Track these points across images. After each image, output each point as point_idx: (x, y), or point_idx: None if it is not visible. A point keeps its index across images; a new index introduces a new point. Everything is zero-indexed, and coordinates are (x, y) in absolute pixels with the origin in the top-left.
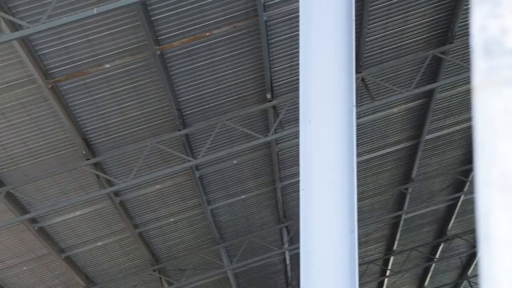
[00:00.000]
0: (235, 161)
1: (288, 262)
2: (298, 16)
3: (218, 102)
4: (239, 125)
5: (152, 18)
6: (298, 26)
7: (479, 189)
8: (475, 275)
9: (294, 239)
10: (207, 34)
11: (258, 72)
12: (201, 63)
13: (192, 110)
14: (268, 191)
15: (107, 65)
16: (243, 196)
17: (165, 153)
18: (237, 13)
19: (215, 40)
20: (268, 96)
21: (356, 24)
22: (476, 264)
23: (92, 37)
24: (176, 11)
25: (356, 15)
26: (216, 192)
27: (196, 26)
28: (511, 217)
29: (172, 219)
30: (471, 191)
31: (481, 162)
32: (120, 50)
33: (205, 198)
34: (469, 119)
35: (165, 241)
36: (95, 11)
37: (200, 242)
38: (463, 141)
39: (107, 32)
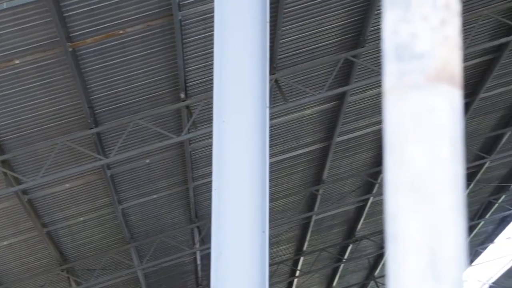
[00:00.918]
0: (147, 161)
1: (199, 262)
2: (213, 16)
3: (131, 101)
4: (152, 125)
5: (65, 14)
6: (213, 26)
7: (388, 191)
8: (382, 276)
9: (206, 239)
10: (121, 32)
11: (172, 71)
12: (114, 61)
13: (105, 108)
14: (180, 191)
15: (17, 61)
16: (155, 196)
17: (76, 151)
18: (151, 12)
19: (129, 38)
20: (182, 95)
21: (270, 26)
22: (383, 265)
23: (2, 32)
24: (89, 8)
25: (270, 17)
26: (128, 192)
27: (110, 24)
28: (418, 218)
29: (81, 218)
30: (380, 193)
31: (390, 165)
32: (31, 46)
33: (116, 198)
34: (379, 122)
35: (74, 241)
36: (4, 5)
37: (110, 241)
38: (373, 143)
39: (17, 28)
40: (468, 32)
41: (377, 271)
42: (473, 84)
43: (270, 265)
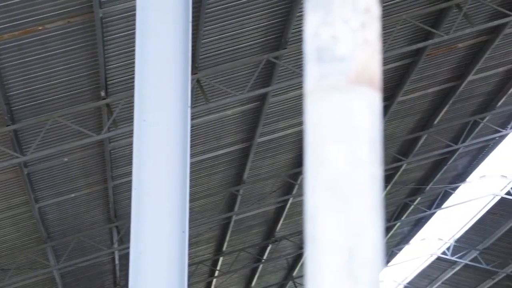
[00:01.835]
0: (66, 159)
1: (117, 262)
2: (135, 14)
3: (49, 98)
4: (71, 122)
5: None
6: (134, 24)
7: (308, 191)
8: (301, 276)
9: (124, 239)
10: (40, 28)
11: (93, 69)
12: (33, 58)
13: (22, 105)
14: (99, 190)
15: None
16: (73, 195)
17: None
18: (72, 8)
19: (48, 35)
20: (102, 94)
21: (192, 25)
22: (301, 265)
23: None
24: (6, 2)
25: (192, 17)
26: (45, 190)
27: (28, 20)
28: (337, 219)
29: None
30: (300, 193)
31: (310, 166)
32: None
33: (33, 196)
34: (300, 124)
35: None
36: None
37: (25, 241)
38: (293, 144)
39: None
40: (387, 36)
41: (296, 271)
42: (392, 88)
43: (189, 265)
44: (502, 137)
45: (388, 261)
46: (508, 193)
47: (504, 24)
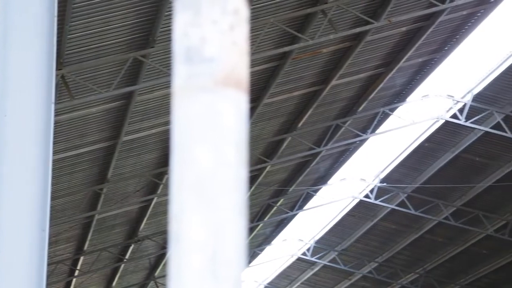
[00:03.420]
0: None
1: None
2: None
3: None
4: None
5: None
6: None
7: (173, 191)
8: (163, 276)
9: None
10: None
11: None
12: None
13: None
14: None
15: None
16: None
17: None
18: None
19: None
20: None
21: (58, 20)
22: (164, 265)
23: None
24: None
25: (58, 11)
26: None
27: None
28: (201, 219)
29: None
30: (164, 193)
31: (177, 166)
32: None
33: None
34: (166, 123)
35: None
36: None
37: None
38: (159, 144)
39: None
40: (254, 39)
41: (158, 271)
42: (258, 90)
43: (48, 264)
44: (362, 142)
45: (250, 262)
46: (366, 196)
47: (366, 32)
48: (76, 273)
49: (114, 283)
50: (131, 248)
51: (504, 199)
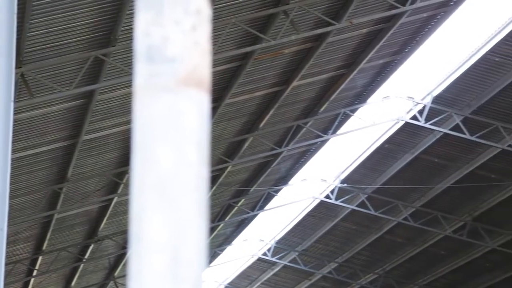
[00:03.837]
0: None
1: None
2: None
3: None
4: None
5: None
6: None
7: (134, 191)
8: (123, 276)
9: None
10: None
11: None
12: None
13: None
14: None
15: None
16: None
17: None
18: None
19: None
20: None
21: (18, 18)
22: (124, 265)
23: None
24: None
25: (18, 9)
26: None
27: None
28: (162, 219)
29: None
30: (125, 193)
31: (138, 165)
32: None
33: None
34: (127, 122)
35: None
36: None
37: None
38: (120, 143)
39: None
40: (216, 39)
41: (118, 271)
42: (220, 90)
43: (6, 264)
44: (323, 142)
45: (210, 262)
46: (327, 197)
47: (327, 33)
48: (35, 273)
49: (73, 283)
50: (90, 247)
51: (463, 200)
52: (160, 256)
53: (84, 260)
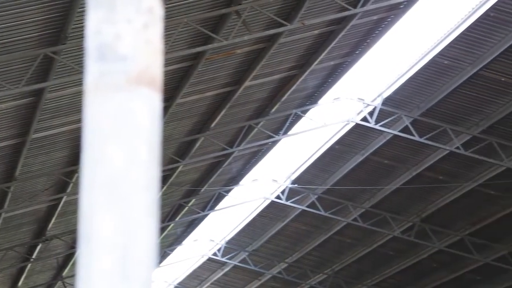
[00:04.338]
0: None
1: None
2: None
3: None
4: None
5: None
6: None
7: (84, 190)
8: (71, 276)
9: None
10: None
11: None
12: None
13: None
14: None
15: None
16: None
17: None
18: None
19: None
20: None
21: None
22: (72, 265)
23: None
24: None
25: None
26: None
27: None
28: (113, 218)
29: None
30: (74, 192)
31: (87, 164)
32: None
33: None
34: (77, 121)
35: None
36: None
37: None
38: (69, 142)
39: None
40: (168, 38)
41: (66, 271)
42: (171, 89)
43: None
44: (275, 143)
45: (160, 262)
46: (277, 197)
47: (279, 34)
48: None
49: (20, 283)
50: (38, 247)
51: (411, 202)
52: (109, 256)
53: (32, 259)
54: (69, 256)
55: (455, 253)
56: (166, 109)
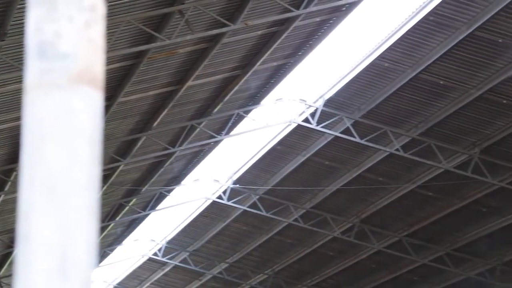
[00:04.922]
0: None
1: None
2: None
3: None
4: None
5: None
6: None
7: (22, 189)
8: (8, 275)
9: None
10: None
11: None
12: None
13: None
14: None
15: None
16: None
17: None
18: None
19: None
20: None
21: None
22: (9, 264)
23: None
24: None
25: None
26: None
27: None
28: (52, 218)
29: None
30: (13, 191)
31: (26, 163)
32: None
33: None
34: (17, 119)
35: None
36: None
37: None
38: (7, 140)
39: None
40: (110, 37)
41: (3, 270)
42: (113, 88)
43: None
44: (217, 143)
45: (100, 262)
46: (219, 197)
47: (222, 34)
48: None
49: None
50: None
51: (351, 202)
52: (48, 255)
53: None
54: (6, 255)
55: (393, 253)
56: (107, 108)
